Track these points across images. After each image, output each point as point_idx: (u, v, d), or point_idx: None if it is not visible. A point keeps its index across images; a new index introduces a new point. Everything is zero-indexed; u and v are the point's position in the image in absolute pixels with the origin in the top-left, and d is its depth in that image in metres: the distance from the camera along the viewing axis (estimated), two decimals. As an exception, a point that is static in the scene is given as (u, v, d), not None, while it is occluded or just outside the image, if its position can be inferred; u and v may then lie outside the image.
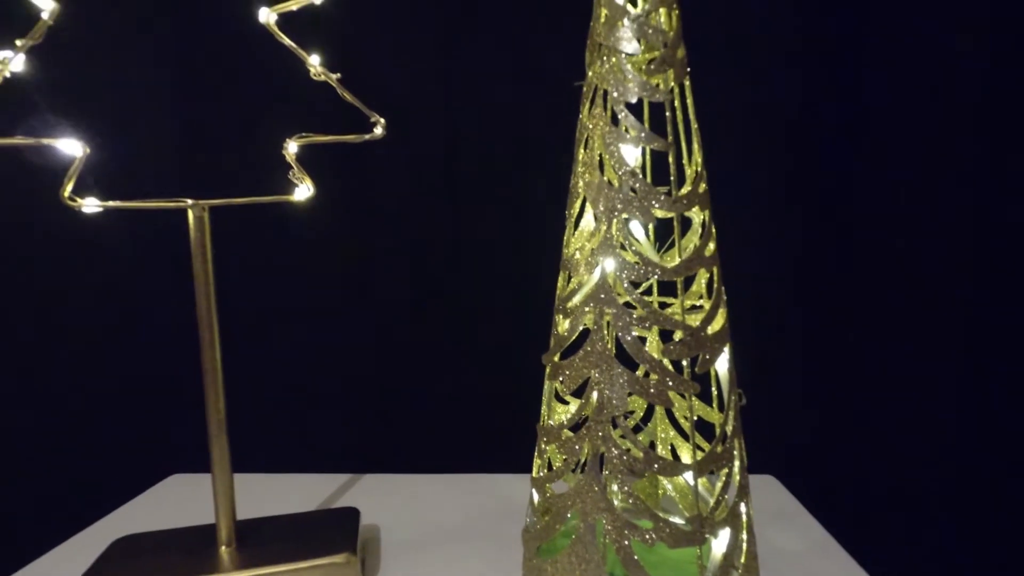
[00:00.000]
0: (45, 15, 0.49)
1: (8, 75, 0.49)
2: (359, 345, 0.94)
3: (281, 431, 0.94)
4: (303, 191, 0.57)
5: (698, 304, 0.58)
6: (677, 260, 0.51)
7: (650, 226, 0.60)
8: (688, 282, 0.56)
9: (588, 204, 0.53)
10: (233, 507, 0.60)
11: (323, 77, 0.57)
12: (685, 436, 0.65)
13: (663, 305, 0.61)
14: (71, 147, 0.51)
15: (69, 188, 0.51)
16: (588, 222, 0.56)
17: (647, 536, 0.48)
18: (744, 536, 0.53)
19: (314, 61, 0.57)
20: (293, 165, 0.57)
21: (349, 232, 0.88)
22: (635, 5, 0.53)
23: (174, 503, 0.80)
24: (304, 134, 0.57)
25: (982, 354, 0.92)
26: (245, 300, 0.80)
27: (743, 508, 0.53)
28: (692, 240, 0.57)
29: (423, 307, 0.92)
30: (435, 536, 0.69)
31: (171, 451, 0.94)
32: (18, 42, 0.49)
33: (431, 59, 0.84)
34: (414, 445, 0.95)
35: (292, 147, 0.57)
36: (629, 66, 0.50)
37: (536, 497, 0.57)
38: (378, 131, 0.59)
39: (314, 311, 0.92)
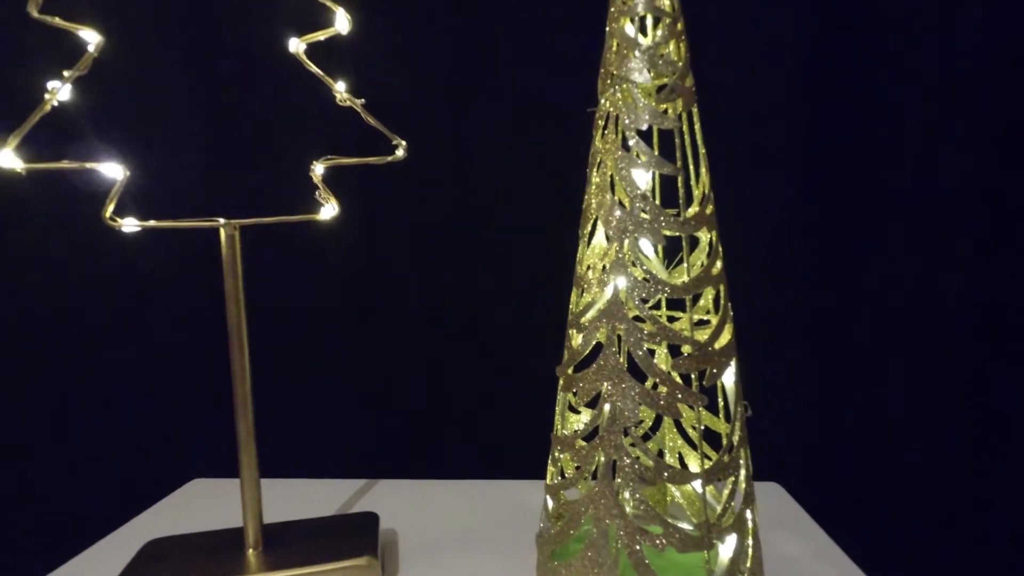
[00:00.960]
0: (91, 48, 0.52)
1: (56, 104, 0.52)
2: (376, 355, 0.96)
3: (300, 438, 0.97)
4: (329, 210, 0.60)
5: (705, 318, 0.61)
6: (685, 276, 0.54)
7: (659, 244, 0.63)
8: (696, 297, 0.59)
9: (600, 223, 0.56)
10: (260, 512, 0.63)
11: (348, 103, 0.60)
12: (693, 445, 0.67)
13: (672, 319, 0.64)
14: (113, 170, 0.54)
15: (111, 209, 0.54)
16: (600, 240, 0.59)
17: (657, 541, 0.50)
18: (750, 542, 0.56)
19: (340, 88, 0.60)
20: (320, 186, 0.60)
21: (367, 247, 0.91)
22: (644, 34, 0.56)
23: (197, 507, 0.82)
24: (330, 156, 0.60)
25: (987, 362, 0.94)
26: (266, 311, 0.83)
27: (749, 515, 0.56)
28: (700, 258, 0.59)
29: (439, 319, 0.95)
30: (451, 540, 0.71)
31: (191, 456, 0.97)
32: (65, 73, 0.52)
33: (445, 80, 0.87)
34: (428, 451, 0.98)
35: (319, 169, 0.60)
36: (640, 95, 0.52)
37: (550, 503, 0.59)
38: (400, 153, 0.62)
39: (333, 323, 0.95)
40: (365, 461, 0.96)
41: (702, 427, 0.58)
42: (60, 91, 0.52)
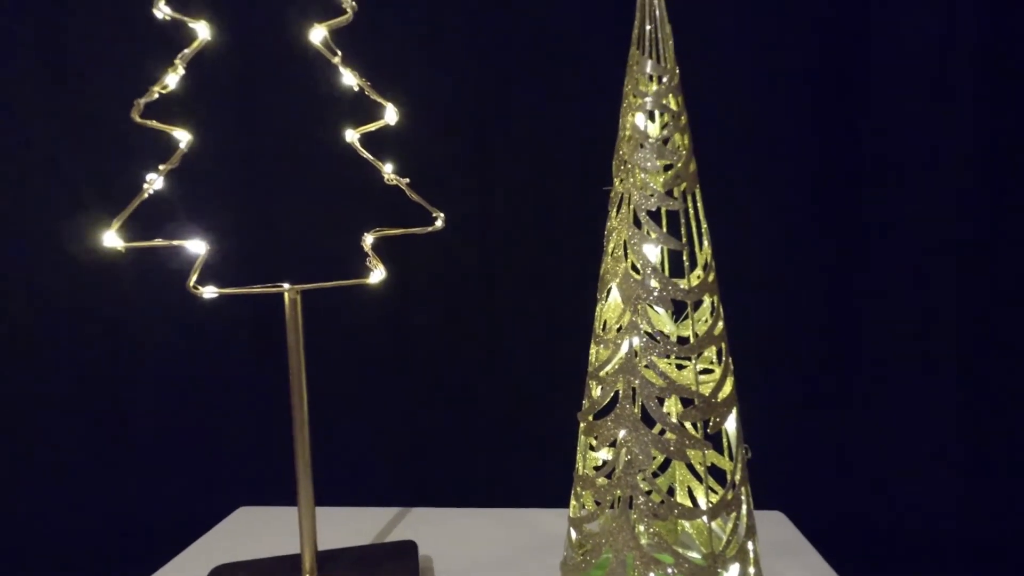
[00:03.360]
0: (182, 145, 0.61)
1: (152, 192, 0.61)
2: (410, 396, 1.05)
3: (337, 470, 1.05)
4: (377, 275, 0.68)
5: (710, 368, 0.68)
6: (690, 331, 0.62)
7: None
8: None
9: (615, 288, 0.64)
10: (315, 540, 0.71)
11: (395, 181, 0.69)
12: (701, 480, 0.74)
13: (680, 367, 0.71)
14: (197, 246, 0.63)
15: (194, 279, 0.63)
16: (616, 298, 0.67)
17: (669, 570, 0.58)
18: (751, 570, 0.63)
19: (388, 169, 0.68)
20: (369, 254, 0.68)
21: (400, 299, 1.00)
22: (653, 120, 0.65)
23: (247, 534, 0.89)
24: (378, 228, 0.68)
25: (993, 394, 0.99)
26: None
27: (751, 546, 0.63)
28: (704, 314, 0.67)
29: (470, 362, 1.04)
30: (483, 566, 0.78)
31: (236, 485, 1.04)
32: (161, 167, 0.61)
33: (469, 151, 0.99)
34: (455, 482, 1.05)
35: (369, 239, 0.68)
36: (650, 180, 0.61)
37: (574, 534, 0.67)
38: (439, 224, 0.70)
39: (369, 366, 1.04)
40: (393, 490, 1.03)
41: (708, 464, 0.65)
42: (155, 182, 0.61)
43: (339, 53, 0.64)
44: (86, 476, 1.06)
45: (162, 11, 0.60)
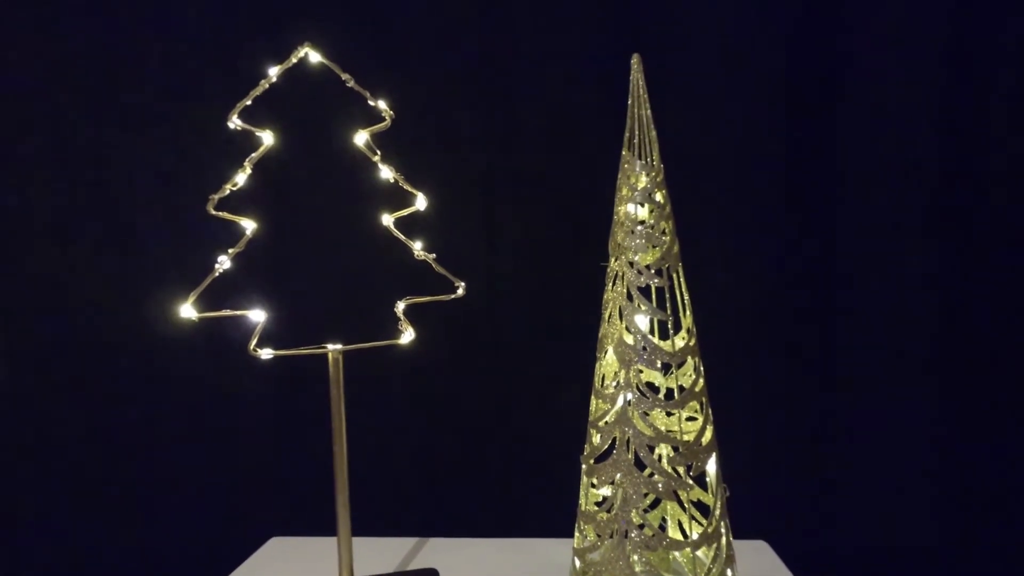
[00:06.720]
0: (248, 232, 0.73)
1: (221, 272, 0.73)
2: (433, 441, 1.16)
3: (362, 503, 1.14)
4: (408, 336, 0.80)
5: (694, 416, 0.79)
6: (675, 385, 0.73)
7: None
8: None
9: (611, 350, 0.75)
10: (352, 567, 0.81)
11: (423, 257, 0.80)
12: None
13: (669, 414, 0.82)
14: (257, 315, 0.74)
15: (254, 343, 0.74)
16: (612, 360, 0.78)
17: (659, 593, 0.68)
18: (731, 593, 0.73)
19: (417, 246, 0.80)
20: (401, 318, 0.79)
21: (423, 357, 1.10)
22: (643, 206, 0.76)
23: (281, 564, 0.97)
24: (409, 297, 0.79)
25: (972, 420, 1.06)
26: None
27: (729, 572, 0.73)
28: (688, 370, 0.78)
29: (486, 411, 1.15)
30: (495, 592, 0.88)
31: (267, 517, 1.14)
32: (229, 251, 0.72)
33: (479, 225, 1.13)
34: (473, 515, 1.15)
35: (401, 305, 0.80)
36: (640, 262, 0.72)
37: (577, 563, 0.77)
38: (460, 291, 0.82)
39: (396, 412, 1.15)
40: (413, 522, 1.13)
41: (695, 500, 0.75)
42: (224, 263, 0.72)
43: (378, 152, 0.77)
44: (118, 510, 1.16)
45: (235, 123, 0.72)
